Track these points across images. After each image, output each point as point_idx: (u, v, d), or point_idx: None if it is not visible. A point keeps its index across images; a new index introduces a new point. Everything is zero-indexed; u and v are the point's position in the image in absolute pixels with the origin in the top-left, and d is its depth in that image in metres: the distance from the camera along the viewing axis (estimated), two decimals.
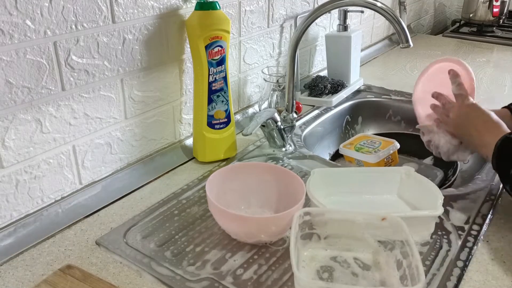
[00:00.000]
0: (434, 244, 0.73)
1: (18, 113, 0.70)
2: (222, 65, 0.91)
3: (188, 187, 0.88)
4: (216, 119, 0.94)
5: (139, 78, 0.87)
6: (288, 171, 0.78)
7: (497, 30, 2.12)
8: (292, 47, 0.99)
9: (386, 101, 1.34)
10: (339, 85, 1.30)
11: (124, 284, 0.65)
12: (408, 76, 1.54)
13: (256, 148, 1.03)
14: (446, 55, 1.76)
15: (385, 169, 0.88)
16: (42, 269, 0.67)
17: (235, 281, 0.65)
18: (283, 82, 1.08)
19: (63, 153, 0.78)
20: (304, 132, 1.13)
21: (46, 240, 0.73)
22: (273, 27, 1.19)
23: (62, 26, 0.72)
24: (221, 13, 0.89)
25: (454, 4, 2.54)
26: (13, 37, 0.66)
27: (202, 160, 0.97)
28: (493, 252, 0.72)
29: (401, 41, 0.90)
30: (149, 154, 0.94)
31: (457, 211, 0.81)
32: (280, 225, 0.70)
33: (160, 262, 0.68)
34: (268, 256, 0.70)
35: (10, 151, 0.70)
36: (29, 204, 0.75)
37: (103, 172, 0.86)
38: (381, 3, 0.90)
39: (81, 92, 0.78)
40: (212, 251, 0.71)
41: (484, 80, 1.49)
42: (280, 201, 0.77)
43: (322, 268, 0.67)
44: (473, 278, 0.67)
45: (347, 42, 1.30)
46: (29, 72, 0.70)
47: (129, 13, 0.81)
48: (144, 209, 0.81)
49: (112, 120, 0.85)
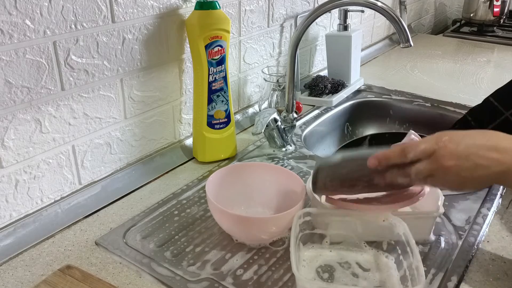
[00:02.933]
0: (435, 244, 0.73)
1: (18, 113, 0.70)
2: (222, 64, 0.91)
3: (188, 187, 0.88)
4: (216, 119, 0.94)
5: (139, 78, 0.87)
6: (288, 171, 0.78)
7: (498, 30, 2.12)
8: (292, 46, 0.99)
9: (386, 101, 1.33)
10: (339, 85, 1.30)
11: (124, 284, 0.65)
12: (408, 75, 1.54)
13: (256, 148, 1.03)
14: (447, 55, 1.76)
15: None
16: (42, 269, 0.67)
17: (235, 282, 0.65)
18: (283, 82, 1.07)
19: (62, 153, 0.78)
20: (304, 132, 1.13)
21: (46, 240, 0.73)
22: (273, 27, 1.19)
23: (61, 26, 0.72)
24: (221, 12, 0.88)
25: (454, 4, 2.54)
26: (12, 36, 0.66)
27: (202, 160, 0.96)
28: (494, 252, 0.72)
29: (401, 41, 0.90)
30: (148, 154, 0.94)
31: (457, 211, 0.81)
32: (281, 225, 0.69)
33: (160, 263, 0.68)
34: (268, 256, 0.70)
35: (9, 151, 0.70)
36: (29, 204, 0.75)
37: (103, 172, 0.86)
38: (381, 2, 0.90)
39: (80, 92, 0.77)
40: (212, 252, 0.71)
41: (485, 80, 1.49)
42: (280, 201, 0.77)
43: (322, 269, 0.67)
44: (473, 279, 0.67)
45: (347, 41, 1.30)
46: (29, 72, 0.69)
47: (128, 12, 0.81)
48: (144, 209, 0.81)
49: (112, 120, 0.84)
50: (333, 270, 0.67)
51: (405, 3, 1.74)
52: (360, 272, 0.67)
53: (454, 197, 0.84)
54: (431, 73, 1.55)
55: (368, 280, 0.65)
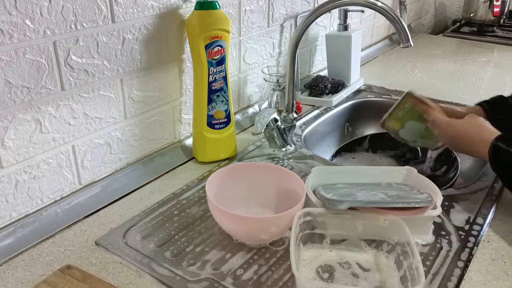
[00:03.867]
0: (435, 245, 0.73)
1: (18, 113, 0.70)
2: (222, 64, 0.91)
3: (188, 187, 0.88)
4: (216, 119, 0.94)
5: (139, 78, 0.87)
6: (288, 171, 0.78)
7: (498, 30, 2.12)
8: (292, 46, 0.99)
9: (386, 101, 1.33)
10: (339, 85, 1.30)
11: (124, 284, 0.65)
12: (408, 75, 1.54)
13: (256, 148, 1.03)
14: (447, 55, 1.76)
15: (386, 169, 0.87)
16: (42, 269, 0.67)
17: (235, 282, 0.65)
18: (283, 82, 1.07)
19: (62, 153, 0.78)
20: (304, 132, 1.13)
21: (46, 240, 0.73)
22: (273, 27, 1.19)
23: (61, 26, 0.72)
24: (221, 12, 0.88)
25: (454, 4, 2.54)
26: (12, 36, 0.66)
27: (202, 160, 0.96)
28: (494, 252, 0.72)
29: (401, 41, 0.90)
30: (148, 154, 0.94)
31: (457, 211, 0.81)
32: (280, 226, 0.69)
33: (160, 263, 0.68)
34: (268, 256, 0.70)
35: (9, 151, 0.70)
36: (29, 204, 0.75)
37: (103, 172, 0.86)
38: (381, 2, 0.90)
39: (80, 92, 0.77)
40: (212, 252, 0.71)
41: (485, 80, 1.49)
42: (280, 201, 0.77)
43: (322, 269, 0.67)
44: (473, 279, 0.67)
45: (347, 41, 1.30)
46: (29, 72, 0.69)
47: (128, 12, 0.81)
48: (144, 209, 0.81)
49: (112, 120, 0.84)
50: (333, 270, 0.67)
51: (405, 3, 1.74)
52: (360, 272, 0.67)
53: (454, 197, 0.84)
54: (431, 73, 1.55)
55: (368, 280, 0.65)
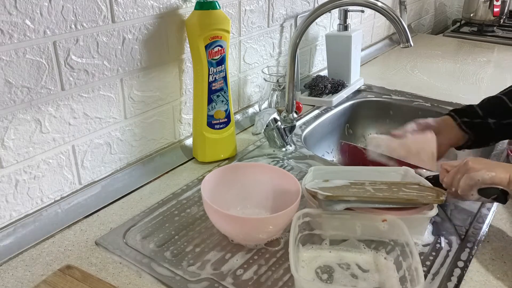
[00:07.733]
0: (435, 245, 0.73)
1: (18, 113, 0.70)
2: (222, 64, 0.91)
3: (188, 187, 0.88)
4: (216, 119, 0.94)
5: (139, 78, 0.87)
6: (284, 171, 0.77)
7: (498, 30, 2.12)
8: (292, 46, 0.99)
9: (386, 101, 1.33)
10: (339, 85, 1.30)
11: (124, 284, 0.65)
12: (408, 76, 1.54)
13: (256, 148, 1.03)
14: (447, 55, 1.76)
15: (384, 169, 0.87)
16: (42, 269, 0.67)
17: (235, 282, 0.65)
18: (283, 82, 1.07)
19: (62, 153, 0.78)
20: (304, 132, 1.13)
21: (46, 240, 0.73)
22: (273, 27, 1.19)
23: (61, 26, 0.72)
24: (221, 12, 0.88)
25: (454, 4, 2.54)
26: (12, 36, 0.66)
27: (202, 160, 0.96)
28: (494, 252, 0.72)
29: (401, 41, 0.90)
30: (148, 154, 0.94)
31: (457, 211, 0.81)
32: (276, 226, 0.69)
33: (160, 263, 0.68)
34: (268, 256, 0.70)
35: (9, 151, 0.70)
36: (29, 204, 0.75)
37: (103, 172, 0.86)
38: (381, 2, 0.90)
39: (80, 92, 0.77)
40: (212, 252, 0.71)
41: (485, 80, 1.49)
42: (276, 202, 0.77)
43: (321, 269, 0.67)
44: (473, 279, 0.67)
45: (347, 41, 1.30)
46: (29, 72, 0.69)
47: (128, 12, 0.81)
48: (144, 209, 0.81)
49: (112, 120, 0.84)
50: (332, 271, 0.67)
51: (405, 3, 1.74)
52: (359, 273, 0.67)
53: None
54: (431, 73, 1.55)
55: (367, 281, 0.65)
